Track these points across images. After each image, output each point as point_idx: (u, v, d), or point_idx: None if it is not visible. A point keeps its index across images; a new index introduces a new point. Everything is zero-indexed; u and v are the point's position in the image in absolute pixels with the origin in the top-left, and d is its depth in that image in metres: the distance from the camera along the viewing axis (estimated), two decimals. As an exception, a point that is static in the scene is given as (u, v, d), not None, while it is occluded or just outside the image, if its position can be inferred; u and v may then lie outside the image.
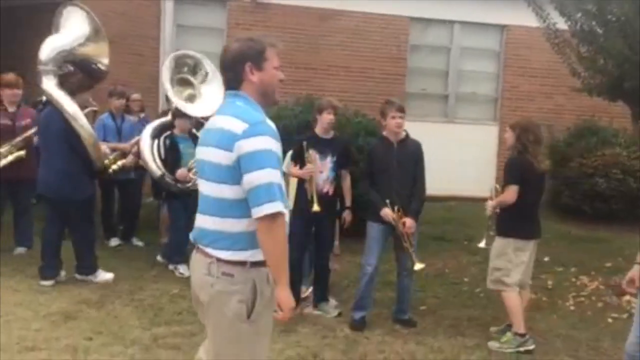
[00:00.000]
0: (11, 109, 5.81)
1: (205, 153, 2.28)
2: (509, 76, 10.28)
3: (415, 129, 10.05)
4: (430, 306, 5.19)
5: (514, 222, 4.19)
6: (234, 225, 2.21)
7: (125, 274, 5.44)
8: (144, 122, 6.58)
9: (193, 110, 5.80)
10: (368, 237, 4.55)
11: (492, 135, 10.17)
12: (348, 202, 4.92)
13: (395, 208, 4.38)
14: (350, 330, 4.46)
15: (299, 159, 4.68)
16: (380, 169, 4.52)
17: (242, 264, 2.22)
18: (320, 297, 4.94)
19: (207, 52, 9.50)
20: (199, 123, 5.62)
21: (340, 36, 9.84)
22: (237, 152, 2.14)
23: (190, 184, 5.53)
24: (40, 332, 4.00)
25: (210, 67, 6.04)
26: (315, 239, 4.84)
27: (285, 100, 8.51)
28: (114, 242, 6.45)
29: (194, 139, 5.46)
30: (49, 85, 5.12)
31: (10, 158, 5.70)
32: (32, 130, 5.89)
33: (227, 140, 2.17)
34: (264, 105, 2.32)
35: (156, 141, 5.83)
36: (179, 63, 6.03)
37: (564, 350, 4.30)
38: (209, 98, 5.82)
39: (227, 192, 2.20)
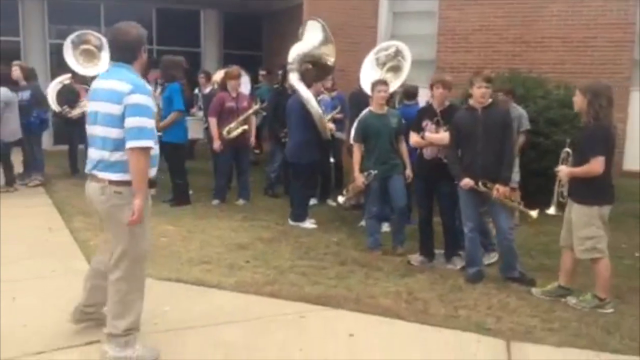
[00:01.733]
0: (234, 95, 7.48)
1: (97, 105, 3.21)
2: None
3: (646, 99, 9.23)
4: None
5: (598, 189, 4.11)
6: (122, 155, 3.14)
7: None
8: (337, 100, 7.73)
9: None
10: (460, 202, 4.86)
11: None
12: None
13: (481, 182, 4.62)
14: (463, 282, 4.83)
15: (417, 128, 5.21)
16: (466, 136, 4.74)
17: (127, 183, 3.15)
18: (450, 253, 5.35)
19: (419, 35, 10.28)
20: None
21: (557, 6, 9.44)
22: (125, 104, 3.08)
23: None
24: (217, 254, 5.37)
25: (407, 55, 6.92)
26: (438, 201, 5.30)
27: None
28: (312, 201, 7.68)
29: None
30: (294, 79, 6.81)
31: (239, 130, 7.40)
32: (252, 110, 7.57)
33: (117, 97, 3.10)
34: (142, 76, 3.30)
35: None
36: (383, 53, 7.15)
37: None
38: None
39: (119, 133, 3.12)
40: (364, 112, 5.88)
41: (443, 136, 5.05)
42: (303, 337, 3.72)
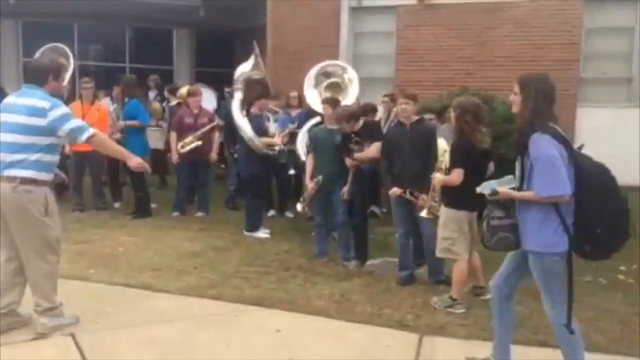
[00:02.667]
0: (195, 111, 7.84)
1: (16, 118, 3.75)
2: None
3: (593, 115, 9.78)
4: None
5: (456, 196, 4.48)
6: (31, 156, 3.70)
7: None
8: (297, 117, 8.10)
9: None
10: (392, 210, 5.29)
11: (685, 119, 9.15)
12: None
13: (408, 191, 5.00)
14: (395, 284, 5.18)
15: (347, 152, 5.67)
16: (395, 148, 5.16)
17: (35, 182, 3.72)
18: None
19: (379, 54, 10.70)
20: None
21: (507, 27, 10.00)
22: (50, 118, 3.71)
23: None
24: (168, 261, 5.68)
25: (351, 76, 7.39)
26: None
27: (440, 94, 9.18)
28: (271, 212, 8.00)
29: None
30: (237, 97, 7.21)
31: (192, 145, 7.73)
32: (209, 127, 7.89)
33: (41, 112, 3.72)
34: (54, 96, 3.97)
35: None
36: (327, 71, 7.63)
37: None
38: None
39: (35, 139, 3.72)
40: (320, 126, 6.30)
41: (368, 150, 5.55)
42: (232, 334, 4.04)
